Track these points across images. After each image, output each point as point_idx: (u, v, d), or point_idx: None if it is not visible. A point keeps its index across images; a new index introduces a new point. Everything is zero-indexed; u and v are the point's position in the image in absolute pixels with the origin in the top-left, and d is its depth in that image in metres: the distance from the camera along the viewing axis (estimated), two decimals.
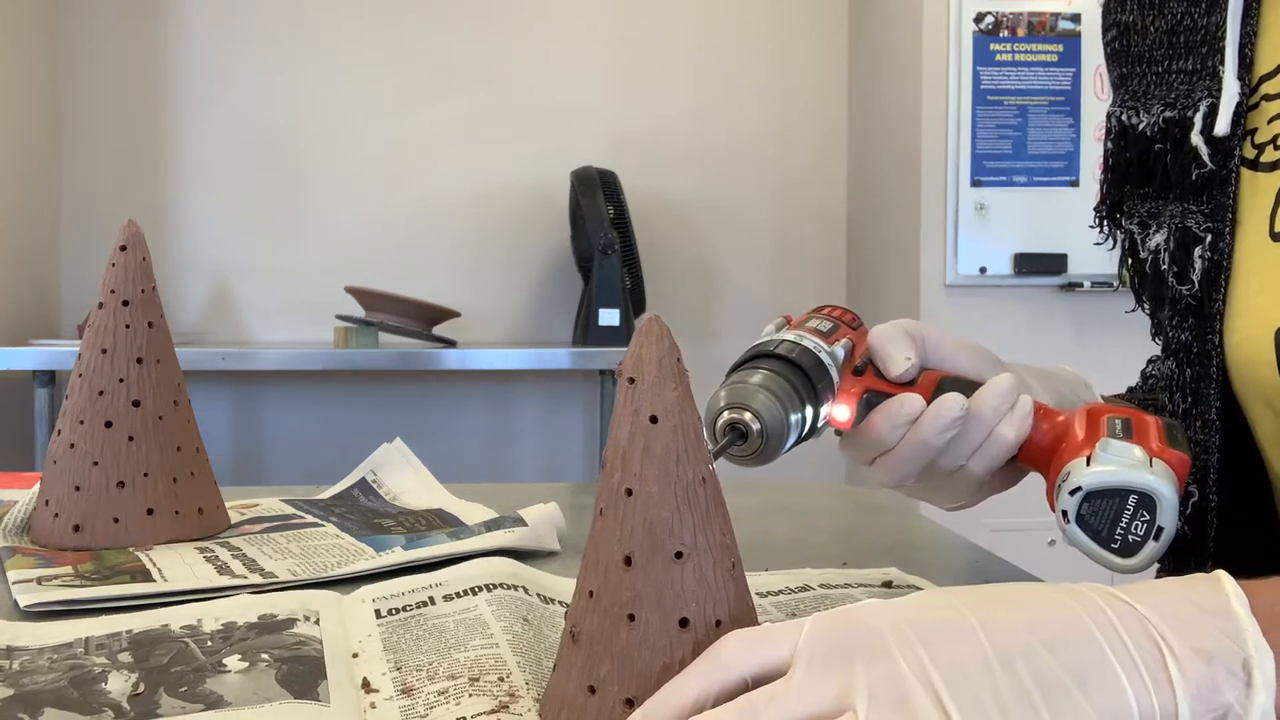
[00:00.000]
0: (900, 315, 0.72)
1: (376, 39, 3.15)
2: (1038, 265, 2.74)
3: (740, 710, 0.41)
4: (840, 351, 0.66)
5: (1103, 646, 0.40)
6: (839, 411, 0.66)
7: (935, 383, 0.67)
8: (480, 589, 0.64)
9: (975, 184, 2.77)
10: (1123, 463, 0.61)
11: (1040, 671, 0.40)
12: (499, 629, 0.58)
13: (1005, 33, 2.77)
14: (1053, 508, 0.63)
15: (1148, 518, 0.60)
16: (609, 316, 2.80)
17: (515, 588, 0.64)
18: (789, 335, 0.65)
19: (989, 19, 2.76)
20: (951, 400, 0.64)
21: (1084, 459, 0.62)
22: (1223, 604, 0.42)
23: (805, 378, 0.63)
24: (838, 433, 0.68)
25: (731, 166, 3.27)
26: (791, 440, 0.62)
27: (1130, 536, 0.61)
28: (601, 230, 2.82)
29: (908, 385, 0.67)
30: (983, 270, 2.76)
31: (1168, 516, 0.60)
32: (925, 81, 2.77)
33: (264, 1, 3.12)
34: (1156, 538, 0.60)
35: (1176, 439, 0.64)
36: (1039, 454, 0.66)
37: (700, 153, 3.26)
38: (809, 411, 0.63)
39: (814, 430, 0.65)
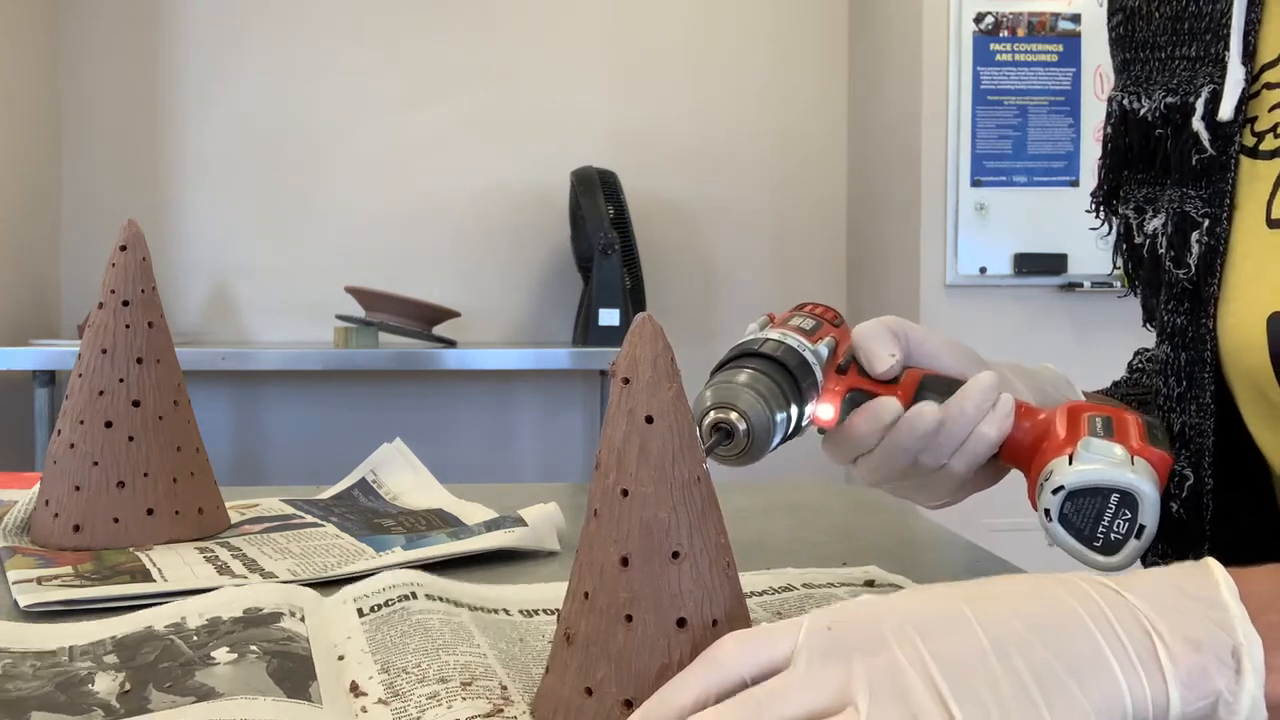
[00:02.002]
0: (900, 315, 0.73)
1: (376, 39, 3.15)
2: (1038, 265, 2.74)
3: (743, 706, 0.41)
4: (824, 350, 0.66)
5: (1096, 636, 0.41)
6: (823, 410, 0.67)
7: (918, 381, 0.68)
8: (462, 605, 0.64)
9: (975, 184, 2.77)
10: (1105, 461, 0.61)
11: (1035, 663, 0.40)
12: (485, 643, 0.58)
13: (1005, 33, 2.77)
14: (1034, 506, 0.64)
15: (1129, 516, 0.61)
16: (609, 316, 2.80)
17: (496, 611, 0.64)
18: (773, 334, 0.66)
19: (989, 19, 2.76)
20: (926, 410, 0.65)
21: (1066, 458, 0.62)
22: (1212, 592, 0.42)
23: (790, 376, 0.63)
24: (821, 431, 0.69)
25: (731, 166, 3.27)
26: (777, 439, 0.62)
27: (1113, 535, 0.61)
28: (601, 230, 2.82)
29: (891, 383, 0.67)
30: (983, 270, 2.76)
31: (1149, 515, 0.60)
32: (925, 81, 2.77)
33: (264, 2, 3.12)
34: (1138, 536, 0.61)
35: (1157, 437, 0.65)
36: (1021, 452, 0.67)
37: (700, 153, 3.26)
38: (794, 410, 0.63)
39: (799, 429, 0.65)
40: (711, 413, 0.60)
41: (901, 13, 2.92)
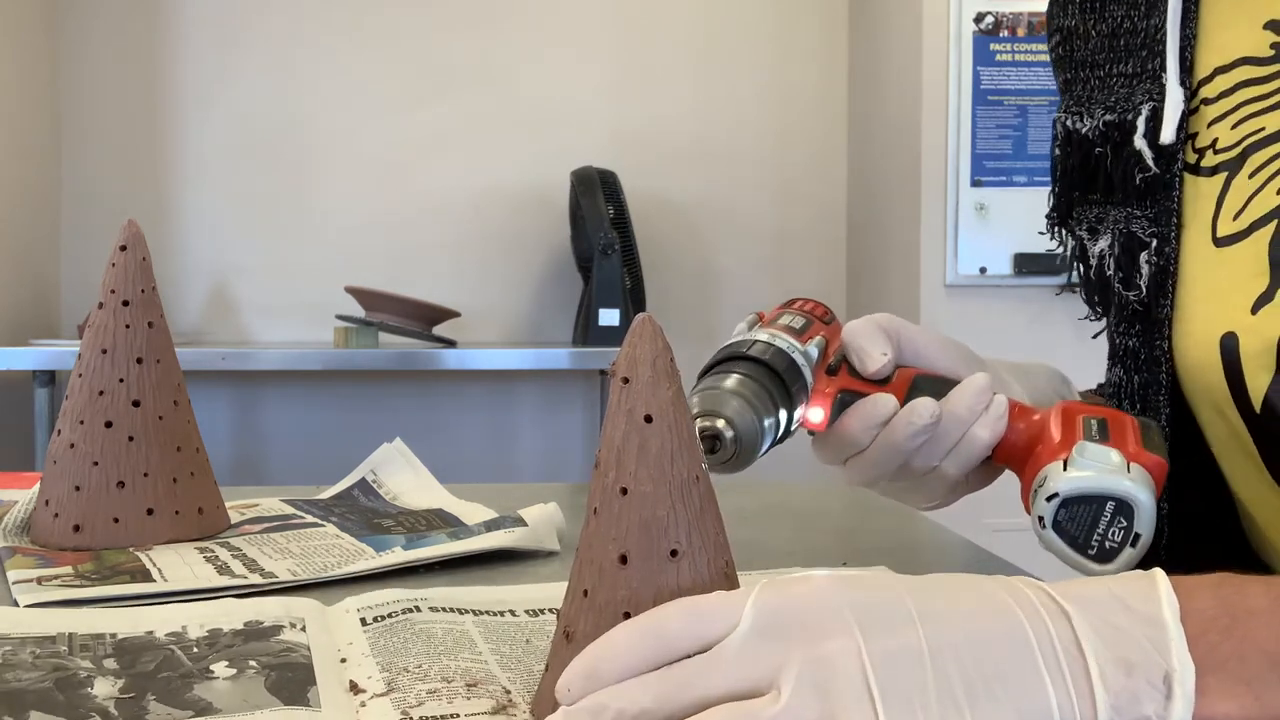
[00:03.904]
0: (900, 315, 0.72)
1: (376, 39, 3.15)
2: (1038, 265, 2.74)
3: (670, 681, 0.41)
4: (814, 350, 0.65)
5: (1033, 650, 0.41)
6: (813, 413, 0.65)
7: (910, 381, 0.66)
8: (466, 611, 0.64)
9: (975, 184, 2.76)
10: (1100, 468, 0.60)
11: (969, 671, 0.40)
12: (487, 649, 0.58)
13: (1005, 33, 2.77)
14: (1028, 510, 0.63)
15: (1125, 524, 0.59)
16: (609, 316, 2.80)
17: (501, 613, 0.64)
18: (762, 335, 0.64)
19: (989, 19, 2.76)
20: (924, 405, 0.64)
21: (1060, 463, 0.61)
22: (1153, 609, 0.42)
23: (779, 380, 0.62)
24: (811, 433, 0.68)
25: (731, 166, 3.27)
26: (765, 445, 0.61)
27: (1107, 543, 0.60)
28: (601, 230, 2.82)
29: (882, 383, 0.66)
30: (983, 270, 2.76)
31: (1145, 523, 0.59)
32: (925, 81, 2.77)
33: (264, 2, 3.12)
34: (1134, 544, 0.60)
35: (1153, 441, 0.63)
36: (1015, 454, 0.66)
37: (700, 152, 3.26)
38: (783, 415, 0.62)
39: (787, 433, 0.64)
40: (698, 421, 0.59)
41: (901, 13, 2.92)
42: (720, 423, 0.58)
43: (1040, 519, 0.61)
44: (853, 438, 0.65)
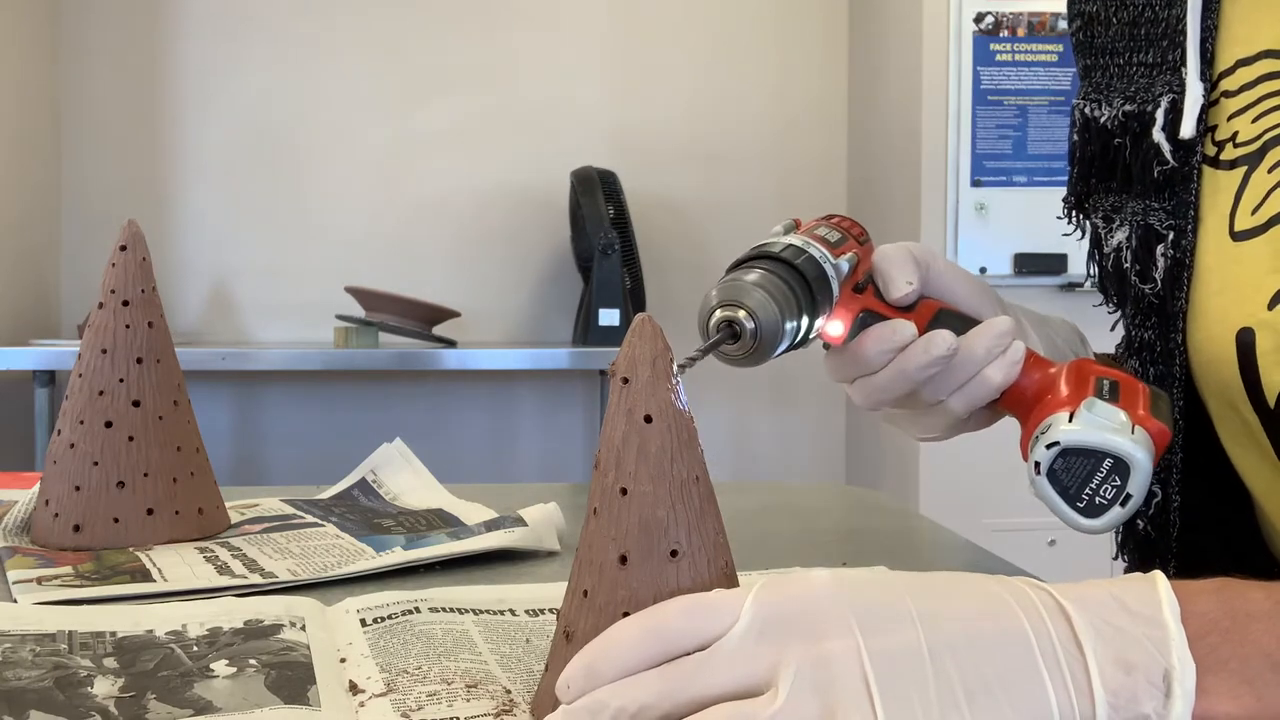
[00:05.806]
0: None
1: (377, 39, 3.15)
2: (1038, 265, 2.74)
3: (670, 678, 0.41)
4: (845, 265, 0.65)
5: (1033, 649, 0.41)
6: (833, 326, 0.65)
7: (933, 313, 0.67)
8: (466, 610, 0.64)
9: (975, 184, 2.77)
10: (1105, 425, 0.60)
11: (968, 671, 0.40)
12: (487, 650, 0.58)
13: (1005, 33, 2.77)
14: (1024, 457, 0.63)
15: (1118, 483, 0.60)
16: (609, 316, 2.80)
17: (501, 612, 0.64)
18: (796, 240, 0.63)
19: (989, 19, 2.76)
20: (942, 337, 0.63)
21: (1066, 414, 0.61)
22: (1153, 610, 0.42)
23: (806, 286, 0.61)
24: (826, 346, 0.68)
25: (732, 166, 3.28)
26: (784, 345, 0.60)
27: (1098, 499, 0.60)
28: (601, 230, 2.82)
29: (905, 311, 0.66)
30: (983, 270, 2.76)
31: (1138, 484, 0.60)
32: (925, 81, 2.77)
33: (264, 2, 3.12)
34: (1123, 504, 0.60)
35: (1161, 410, 0.64)
36: (1022, 401, 0.66)
37: (700, 152, 3.26)
38: (804, 321, 0.61)
39: (805, 340, 0.63)
40: (719, 310, 0.58)
41: (901, 13, 2.92)
42: (741, 313, 0.58)
43: (1037, 464, 0.61)
44: (867, 358, 0.65)
